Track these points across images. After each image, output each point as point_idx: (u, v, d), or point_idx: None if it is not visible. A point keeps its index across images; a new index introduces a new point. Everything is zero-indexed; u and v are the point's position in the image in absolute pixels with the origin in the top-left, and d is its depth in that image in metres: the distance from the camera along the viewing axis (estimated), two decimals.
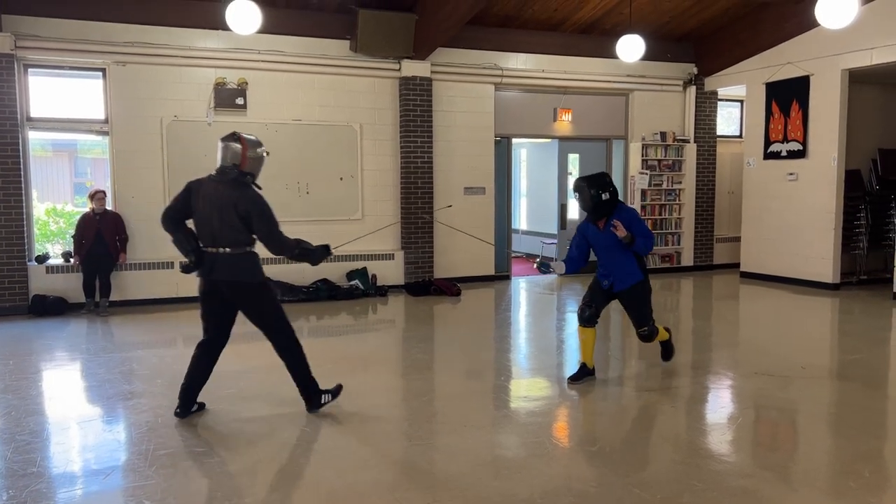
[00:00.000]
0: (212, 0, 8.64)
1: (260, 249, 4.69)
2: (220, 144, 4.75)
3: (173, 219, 4.71)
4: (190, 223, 4.74)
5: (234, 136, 4.74)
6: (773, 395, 5.32)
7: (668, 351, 6.05)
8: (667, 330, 5.97)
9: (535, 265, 5.65)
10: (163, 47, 8.99)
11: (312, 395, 4.82)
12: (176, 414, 4.74)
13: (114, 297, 8.79)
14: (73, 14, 8.57)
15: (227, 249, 4.55)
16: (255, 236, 4.63)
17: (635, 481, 3.77)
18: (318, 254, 4.80)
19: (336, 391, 4.94)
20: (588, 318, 5.59)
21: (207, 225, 4.59)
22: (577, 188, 5.44)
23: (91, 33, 8.67)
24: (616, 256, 5.47)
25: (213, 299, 4.69)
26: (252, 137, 4.80)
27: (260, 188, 4.75)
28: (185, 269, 4.65)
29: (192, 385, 4.76)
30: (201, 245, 4.62)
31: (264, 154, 4.81)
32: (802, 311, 8.92)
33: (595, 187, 5.31)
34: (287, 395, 5.32)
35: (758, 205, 11.13)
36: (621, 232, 5.25)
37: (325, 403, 4.85)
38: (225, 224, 4.52)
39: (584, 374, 5.64)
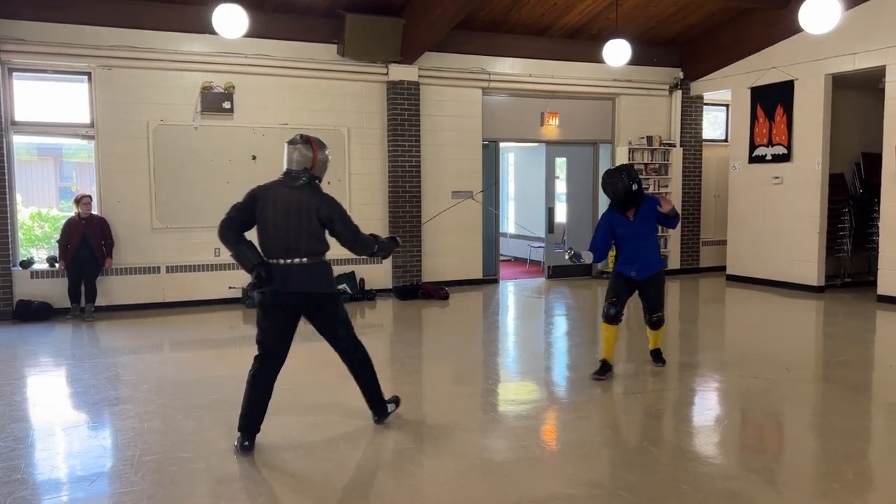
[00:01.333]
0: (198, 4, 8.62)
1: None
2: (287, 147, 4.47)
3: (238, 230, 4.34)
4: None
5: (305, 139, 4.47)
6: (758, 397, 5.36)
7: (659, 358, 6.20)
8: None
9: (567, 257, 5.81)
10: (149, 51, 8.96)
11: (379, 404, 4.69)
12: (243, 448, 4.20)
13: (99, 302, 8.73)
14: (58, 18, 8.52)
15: (304, 259, 4.25)
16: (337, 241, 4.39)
17: (622, 484, 3.78)
18: (390, 247, 4.68)
19: (397, 401, 4.88)
20: (614, 315, 5.75)
21: (281, 234, 4.26)
22: (611, 177, 5.63)
23: (76, 37, 8.62)
24: (645, 244, 5.73)
25: (282, 313, 4.32)
26: (320, 139, 4.57)
27: None
28: (259, 284, 4.22)
29: (254, 411, 4.29)
30: (265, 256, 4.28)
31: (329, 157, 4.60)
32: (787, 314, 8.99)
33: (630, 178, 5.57)
34: (276, 400, 5.30)
35: (743, 208, 11.21)
36: (668, 205, 5.60)
37: (390, 413, 4.75)
38: (303, 232, 4.24)
39: (606, 369, 5.82)
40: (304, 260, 4.25)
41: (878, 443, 4.59)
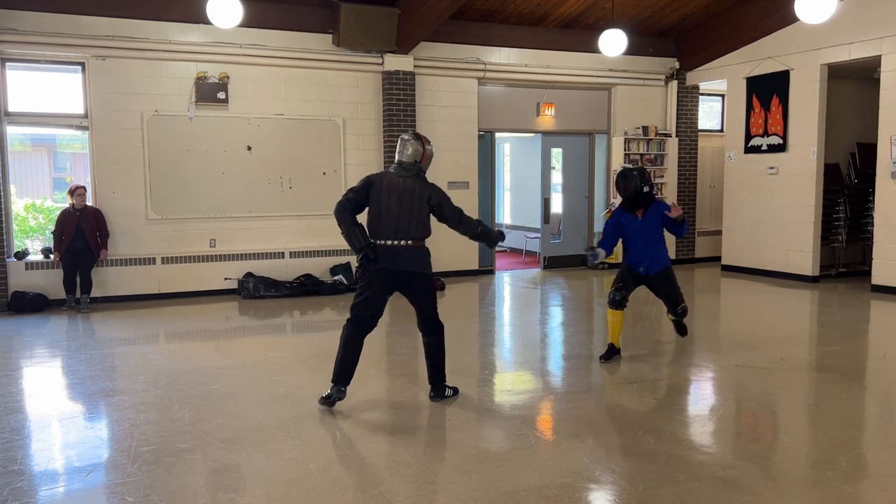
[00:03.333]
0: None
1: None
2: (400, 141, 4.93)
3: (353, 211, 4.77)
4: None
5: (416, 136, 4.94)
6: (753, 386, 5.39)
7: (683, 327, 6.61)
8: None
9: (590, 258, 6.27)
10: (143, 41, 8.91)
11: (439, 385, 5.03)
12: (339, 393, 4.82)
13: (95, 293, 8.72)
14: (52, 7, 8.47)
15: (409, 242, 4.75)
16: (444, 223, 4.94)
17: (618, 473, 3.80)
18: (496, 237, 5.16)
19: (456, 390, 5.16)
20: (619, 301, 6.09)
21: (392, 217, 4.74)
22: (625, 177, 6.01)
23: (70, 27, 8.57)
24: (653, 242, 6.05)
25: (384, 286, 4.84)
26: (426, 136, 5.11)
27: None
28: (366, 261, 4.72)
29: (350, 365, 4.86)
30: (374, 238, 4.78)
31: (433, 150, 5.07)
32: (782, 304, 9.02)
33: (643, 180, 5.95)
34: (274, 391, 5.32)
35: (739, 198, 11.23)
36: (677, 211, 5.92)
37: (447, 396, 5.05)
38: (413, 217, 4.74)
39: (613, 353, 6.12)
40: (410, 242, 4.77)
41: (871, 431, 4.63)
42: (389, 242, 4.75)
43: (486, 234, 5.06)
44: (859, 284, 9.81)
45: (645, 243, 6.04)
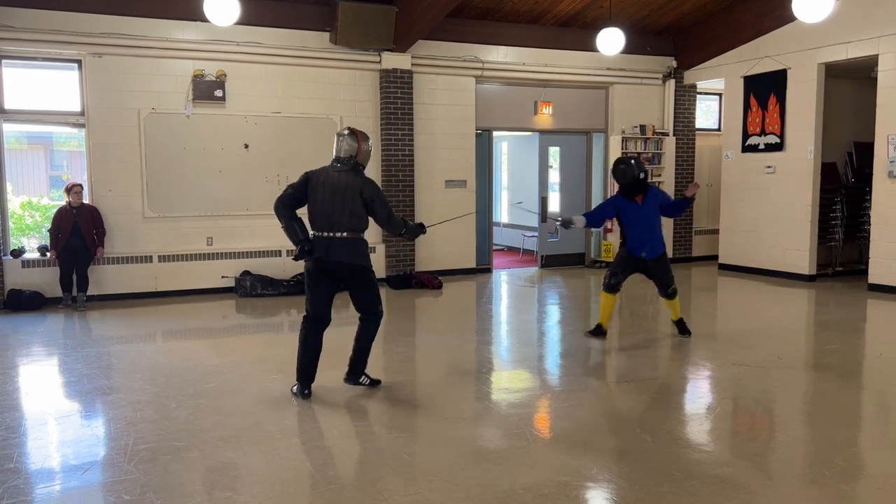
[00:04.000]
0: None
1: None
2: (336, 138, 5.10)
3: (291, 206, 4.99)
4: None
5: (352, 132, 5.08)
6: (750, 385, 5.40)
7: (684, 328, 6.79)
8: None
9: (556, 225, 6.37)
10: (140, 39, 8.89)
11: (356, 372, 5.24)
12: (303, 395, 5.00)
13: (91, 291, 8.69)
14: (48, 4, 8.43)
15: (344, 234, 4.91)
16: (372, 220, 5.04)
17: (615, 471, 3.81)
18: (416, 231, 5.27)
19: (374, 383, 5.30)
20: (613, 284, 6.49)
21: (326, 210, 4.92)
22: (623, 163, 6.37)
23: (67, 24, 8.54)
24: (654, 227, 6.37)
25: (323, 278, 5.01)
26: (364, 132, 5.18)
27: None
28: (300, 255, 4.95)
29: (310, 364, 5.04)
30: (313, 231, 4.99)
31: (371, 147, 5.21)
32: (779, 303, 9.03)
33: (638, 168, 6.28)
34: (270, 389, 5.31)
35: (736, 197, 11.24)
36: (694, 189, 6.51)
37: (361, 384, 5.25)
38: (346, 210, 4.89)
39: (599, 332, 6.62)
40: (345, 234, 4.91)
41: (868, 430, 4.63)
42: (324, 234, 4.93)
43: (409, 230, 5.22)
44: (856, 283, 9.82)
45: (646, 228, 6.37)
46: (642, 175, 6.33)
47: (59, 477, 3.84)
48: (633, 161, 6.40)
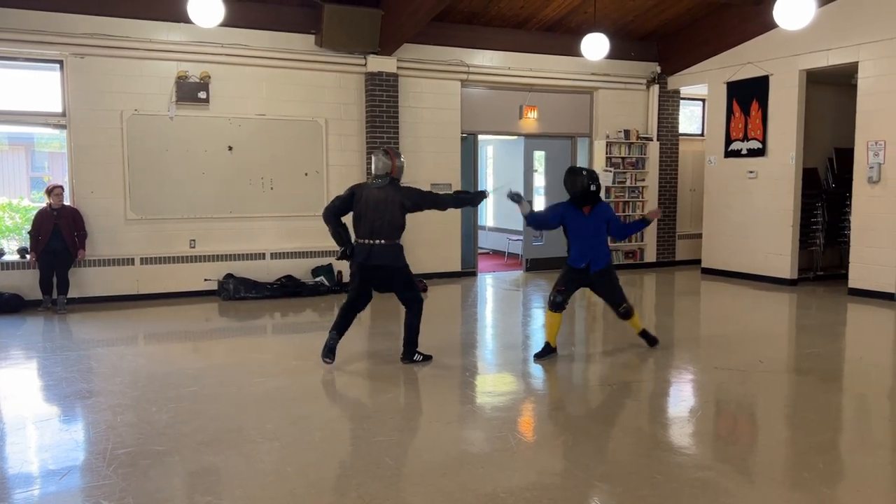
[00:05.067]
0: None
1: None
2: (373, 157, 5.93)
3: (337, 215, 5.86)
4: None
5: (385, 152, 5.88)
6: (732, 388, 5.43)
7: (649, 338, 6.55)
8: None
9: (508, 195, 6.33)
10: (123, 39, 8.82)
11: (410, 347, 6.05)
12: (328, 345, 5.87)
13: (72, 294, 8.60)
14: (29, 4, 8.35)
15: (382, 241, 5.73)
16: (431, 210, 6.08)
17: (597, 474, 3.81)
18: (477, 197, 6.24)
19: (428, 358, 6.09)
20: (558, 303, 6.27)
21: (368, 221, 5.73)
22: (573, 174, 6.20)
23: (48, 24, 8.46)
24: (597, 240, 6.21)
25: (363, 277, 5.88)
26: (397, 150, 6.35)
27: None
28: (343, 256, 5.88)
29: (345, 324, 6.01)
30: (356, 238, 5.83)
31: (404, 162, 5.98)
32: (761, 307, 9.10)
33: (591, 179, 6.10)
34: (252, 392, 5.28)
35: (719, 202, 11.32)
36: (655, 214, 6.54)
37: (416, 360, 6.02)
38: (385, 221, 5.71)
39: (548, 351, 6.29)
40: (383, 241, 5.74)
41: (848, 433, 4.68)
42: (366, 241, 5.76)
43: (466, 199, 6.19)
44: (837, 288, 9.92)
45: (590, 240, 6.19)
46: (593, 187, 6.04)
47: (36, 482, 3.79)
48: (585, 171, 6.13)
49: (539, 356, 6.23)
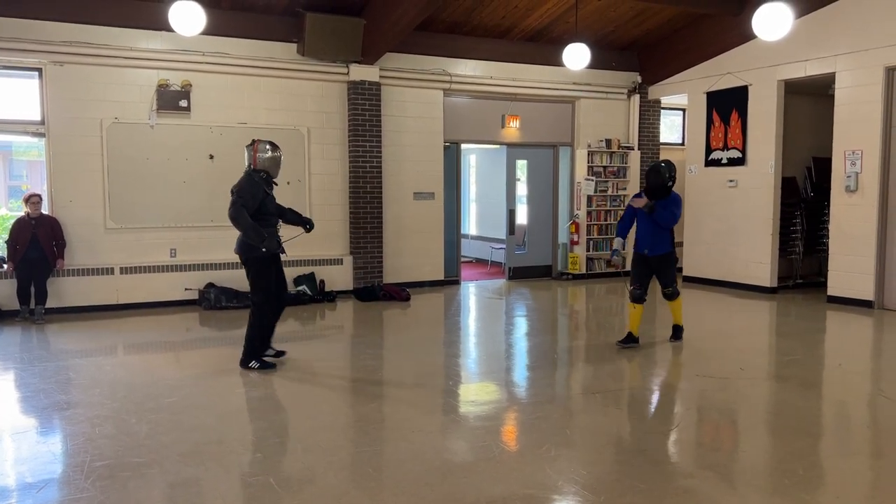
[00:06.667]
0: (155, 0, 8.46)
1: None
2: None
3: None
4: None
5: (250, 144, 6.17)
6: (713, 396, 5.46)
7: (677, 333, 7.22)
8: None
9: (612, 259, 7.36)
10: (103, 47, 8.76)
11: (247, 354, 6.06)
12: (278, 353, 6.34)
13: (51, 304, 8.49)
14: (7, 11, 8.28)
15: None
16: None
17: (581, 483, 3.81)
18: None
19: (266, 365, 6.05)
20: (639, 296, 6.87)
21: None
22: (655, 169, 6.79)
23: (27, 31, 8.39)
24: (657, 228, 6.69)
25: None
26: (269, 143, 6.29)
27: (268, 182, 6.23)
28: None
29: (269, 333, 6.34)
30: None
31: (278, 155, 6.25)
32: (741, 314, 9.18)
33: (668, 174, 6.69)
34: (233, 403, 5.23)
35: (699, 211, 11.42)
36: (640, 202, 6.69)
37: (251, 368, 6.00)
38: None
39: (631, 340, 6.90)
40: (240, 231, 5.94)
41: (828, 439, 4.71)
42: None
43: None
44: (816, 295, 10.02)
45: (650, 227, 6.72)
46: (670, 183, 6.70)
47: (13, 495, 3.72)
48: (670, 165, 6.77)
49: (623, 343, 6.89)
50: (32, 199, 8.30)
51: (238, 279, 9.41)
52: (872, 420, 5.09)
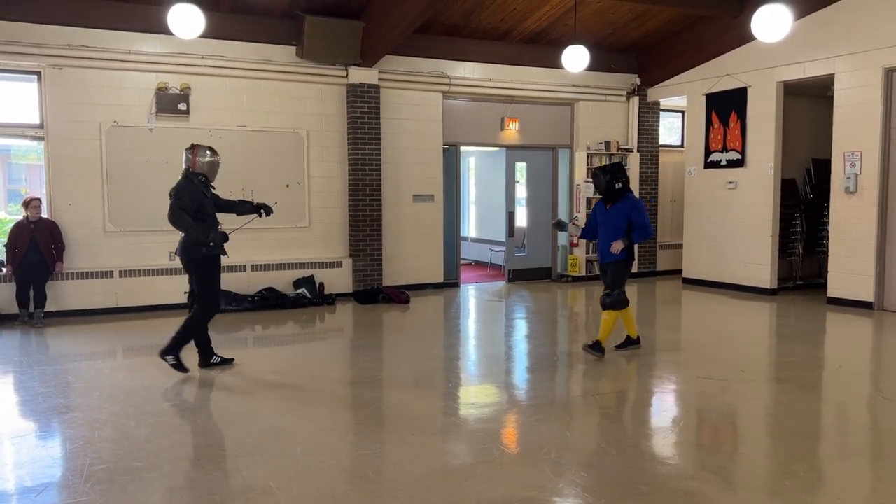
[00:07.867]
0: (153, 3, 8.46)
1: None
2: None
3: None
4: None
5: (190, 148, 6.14)
6: (713, 398, 5.45)
7: (626, 344, 6.90)
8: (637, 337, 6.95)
9: (563, 224, 7.21)
10: (102, 51, 8.76)
11: (172, 348, 5.99)
12: (224, 361, 6.35)
13: (50, 307, 8.48)
14: (6, 15, 8.27)
15: (181, 233, 5.96)
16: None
17: (581, 486, 3.81)
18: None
19: (180, 367, 5.99)
20: (607, 304, 6.59)
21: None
22: (593, 175, 6.74)
23: (26, 35, 8.38)
24: (611, 234, 6.50)
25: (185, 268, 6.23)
26: (208, 148, 6.21)
27: (206, 185, 6.17)
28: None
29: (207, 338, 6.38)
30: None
31: (216, 159, 6.19)
32: (741, 316, 9.17)
33: (609, 175, 6.51)
34: (232, 406, 5.22)
35: (699, 213, 11.42)
36: (618, 247, 6.37)
37: (169, 364, 5.97)
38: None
39: (630, 343, 6.86)
40: (181, 233, 6.00)
41: (828, 441, 4.71)
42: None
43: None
44: (815, 297, 10.02)
45: (606, 236, 6.53)
46: (618, 185, 6.50)
47: (12, 499, 3.71)
48: (610, 167, 6.64)
49: (620, 347, 6.83)
50: (33, 203, 8.30)
51: (236, 282, 9.43)
52: (873, 422, 5.08)
